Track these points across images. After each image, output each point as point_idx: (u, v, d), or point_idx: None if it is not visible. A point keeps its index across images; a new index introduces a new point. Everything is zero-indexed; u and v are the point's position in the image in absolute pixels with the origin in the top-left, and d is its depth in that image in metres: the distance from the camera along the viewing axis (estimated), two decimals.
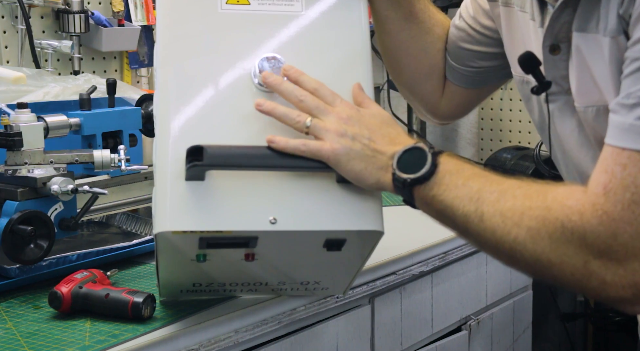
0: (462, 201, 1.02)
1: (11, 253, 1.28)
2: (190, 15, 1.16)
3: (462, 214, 1.02)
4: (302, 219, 1.08)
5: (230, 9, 1.17)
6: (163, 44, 1.15)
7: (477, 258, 1.82)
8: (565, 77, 1.14)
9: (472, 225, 1.02)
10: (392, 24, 1.37)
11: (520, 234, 0.97)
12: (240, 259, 1.14)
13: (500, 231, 0.99)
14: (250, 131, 1.11)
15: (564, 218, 0.95)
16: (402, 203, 1.11)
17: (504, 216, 0.99)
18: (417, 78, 1.45)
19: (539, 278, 1.02)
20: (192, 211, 1.06)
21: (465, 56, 1.41)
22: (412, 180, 1.05)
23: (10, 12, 1.98)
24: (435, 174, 1.04)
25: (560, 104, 1.17)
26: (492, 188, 1.01)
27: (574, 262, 0.95)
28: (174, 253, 1.12)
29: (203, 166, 1.05)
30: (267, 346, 1.33)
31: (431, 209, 1.07)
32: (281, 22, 1.17)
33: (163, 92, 1.12)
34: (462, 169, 1.04)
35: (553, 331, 2.62)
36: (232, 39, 1.16)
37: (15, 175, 1.35)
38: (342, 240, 1.12)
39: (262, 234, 1.08)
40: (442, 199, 1.04)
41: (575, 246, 0.94)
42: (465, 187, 1.02)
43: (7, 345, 1.14)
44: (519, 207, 0.98)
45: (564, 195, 0.97)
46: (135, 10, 2.17)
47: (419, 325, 1.68)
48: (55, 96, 1.74)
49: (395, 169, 1.06)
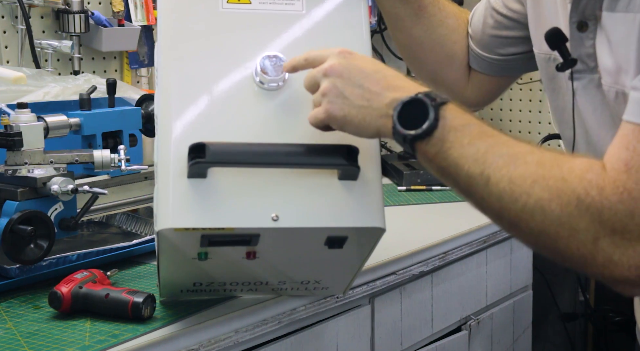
0: (466, 161, 0.97)
1: (11, 253, 1.28)
2: (191, 14, 1.16)
3: (466, 175, 0.97)
4: (304, 216, 1.09)
5: (231, 8, 1.17)
6: (164, 43, 1.15)
7: (477, 258, 1.82)
8: (591, 55, 1.13)
9: (476, 188, 0.97)
10: (403, 21, 1.37)
11: (529, 203, 0.94)
12: (241, 257, 1.14)
13: (507, 197, 0.95)
14: (252, 129, 1.11)
15: (581, 191, 0.91)
16: (402, 203, 1.11)
17: (512, 182, 0.94)
18: (437, 70, 1.44)
19: (540, 250, 0.98)
20: (194, 208, 1.06)
21: (494, 44, 1.40)
22: (413, 136, 0.99)
23: (10, 12, 1.98)
24: (437, 129, 0.98)
25: (585, 82, 1.15)
26: (502, 150, 0.96)
27: (583, 237, 0.92)
28: (175, 252, 1.12)
29: (205, 164, 1.05)
30: (267, 346, 1.33)
31: (433, 165, 1.01)
32: (282, 22, 1.17)
33: (164, 91, 1.13)
34: (469, 126, 0.98)
35: (553, 331, 2.62)
36: (233, 38, 1.16)
37: (15, 175, 1.35)
38: (343, 238, 1.12)
39: (264, 231, 1.08)
40: (445, 156, 0.98)
41: (588, 221, 0.91)
42: (471, 146, 0.97)
43: (7, 345, 1.14)
44: (531, 174, 0.94)
45: (582, 168, 0.93)
46: (135, 10, 2.17)
47: (419, 325, 1.68)
48: (55, 96, 1.74)
49: (396, 122, 1.00)
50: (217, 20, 1.16)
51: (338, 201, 1.10)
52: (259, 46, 1.15)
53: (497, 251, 1.89)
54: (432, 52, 1.42)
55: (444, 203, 1.99)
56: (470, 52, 1.44)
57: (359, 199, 1.10)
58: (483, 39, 1.41)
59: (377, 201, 1.12)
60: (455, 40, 1.43)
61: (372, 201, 1.11)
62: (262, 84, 1.13)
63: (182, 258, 1.14)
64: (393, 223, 1.18)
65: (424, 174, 2.13)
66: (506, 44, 1.39)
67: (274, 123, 1.11)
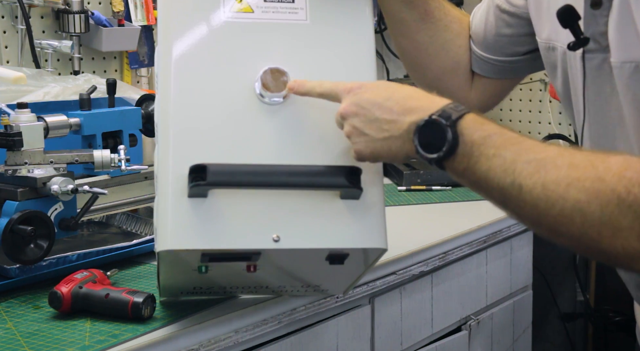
0: (496, 174, 0.96)
1: (11, 253, 1.28)
2: (193, 21, 1.13)
3: (498, 186, 0.97)
4: (306, 237, 1.08)
5: (233, 17, 1.14)
6: (164, 49, 1.12)
7: (477, 258, 1.82)
8: (604, 33, 1.11)
9: (510, 198, 0.96)
10: (408, 26, 1.36)
11: (567, 207, 0.92)
12: (242, 269, 1.13)
13: (543, 204, 0.93)
14: (254, 147, 1.10)
15: (621, 190, 0.90)
16: (402, 203, 1.11)
17: (546, 188, 0.93)
18: (440, 77, 1.43)
19: (583, 252, 0.97)
20: (194, 229, 1.05)
21: (499, 44, 1.39)
22: (436, 159, 1.00)
23: (10, 12, 1.98)
24: (459, 146, 0.98)
25: (597, 62, 1.14)
26: (529, 157, 0.95)
27: (628, 235, 0.90)
28: (176, 265, 1.12)
29: (206, 186, 1.04)
30: (267, 346, 1.33)
31: (465, 181, 1.01)
32: (285, 32, 1.15)
33: (164, 102, 1.10)
34: (490, 136, 0.98)
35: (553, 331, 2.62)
36: (235, 49, 1.13)
37: (15, 175, 1.35)
38: (344, 255, 1.12)
39: (265, 251, 1.08)
40: (473, 171, 0.98)
41: (631, 218, 0.90)
42: (497, 158, 0.96)
43: (7, 345, 1.14)
44: (564, 178, 0.93)
45: (619, 166, 0.91)
46: (135, 10, 2.17)
47: (419, 325, 1.68)
48: (55, 96, 1.74)
49: (418, 147, 1.01)
50: (219, 29, 1.13)
51: (340, 222, 1.09)
52: (261, 58, 1.13)
53: (497, 251, 1.88)
54: (437, 58, 1.41)
55: (444, 203, 1.99)
56: (473, 56, 1.43)
57: (361, 219, 1.09)
58: (487, 40, 1.40)
59: (379, 221, 1.11)
60: (460, 44, 1.42)
61: (374, 221, 1.10)
62: (263, 98, 1.11)
63: (182, 269, 1.13)
64: (393, 223, 1.18)
65: (424, 174, 2.13)
66: (511, 43, 1.38)
67: (276, 141, 1.10)
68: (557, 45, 1.23)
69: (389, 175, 2.23)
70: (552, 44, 1.24)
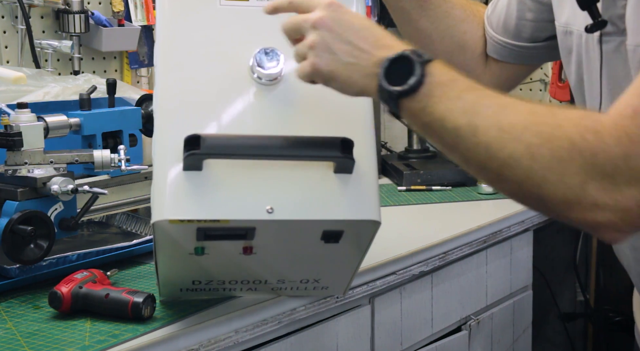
0: (453, 114, 0.95)
1: (11, 253, 1.28)
2: (190, 10, 1.18)
3: (453, 127, 0.95)
4: (299, 209, 1.09)
5: (229, 5, 1.19)
6: (162, 38, 1.17)
7: (477, 258, 1.82)
8: (622, 16, 1.11)
9: (462, 139, 0.95)
10: (409, 14, 1.37)
11: (518, 150, 0.91)
12: (238, 253, 1.14)
13: (495, 145, 0.93)
14: (249, 122, 1.12)
15: (576, 136, 0.90)
16: (402, 203, 1.11)
17: (502, 129, 0.92)
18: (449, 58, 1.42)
19: (522, 199, 0.96)
20: (189, 201, 1.06)
21: (521, 28, 1.39)
22: (399, 92, 0.97)
23: (10, 12, 1.98)
24: (424, 84, 0.96)
25: (615, 46, 1.14)
26: (490, 101, 0.95)
27: (571, 182, 0.90)
28: (172, 246, 1.13)
29: (200, 155, 1.06)
30: (267, 346, 1.33)
31: (417, 121, 0.99)
32: (279, 17, 1.18)
33: (162, 84, 1.14)
34: (456, 80, 0.97)
35: (553, 331, 2.62)
36: (231, 34, 1.17)
37: (15, 175, 1.35)
38: (339, 232, 1.13)
39: (260, 224, 1.09)
40: (431, 111, 0.96)
41: (578, 165, 0.89)
42: (459, 99, 0.95)
43: (7, 345, 1.14)
44: (522, 121, 0.92)
45: (579, 116, 0.92)
46: (135, 10, 2.17)
47: (419, 325, 1.68)
48: (55, 96, 1.74)
49: (382, 79, 0.98)
50: (215, 16, 1.18)
51: (333, 194, 1.10)
52: (256, 42, 1.16)
53: (497, 251, 1.89)
54: (442, 43, 1.42)
55: (444, 203, 1.99)
56: (489, 40, 1.43)
57: (354, 192, 1.11)
58: (508, 25, 1.40)
59: (372, 194, 1.12)
60: (465, 30, 1.43)
61: (368, 194, 1.12)
62: (259, 79, 1.15)
63: (179, 253, 1.14)
64: (393, 223, 1.18)
65: (424, 174, 2.13)
66: (533, 28, 1.38)
67: (271, 116, 1.13)
68: (574, 29, 1.23)
69: (389, 175, 2.23)
70: (570, 28, 1.24)
